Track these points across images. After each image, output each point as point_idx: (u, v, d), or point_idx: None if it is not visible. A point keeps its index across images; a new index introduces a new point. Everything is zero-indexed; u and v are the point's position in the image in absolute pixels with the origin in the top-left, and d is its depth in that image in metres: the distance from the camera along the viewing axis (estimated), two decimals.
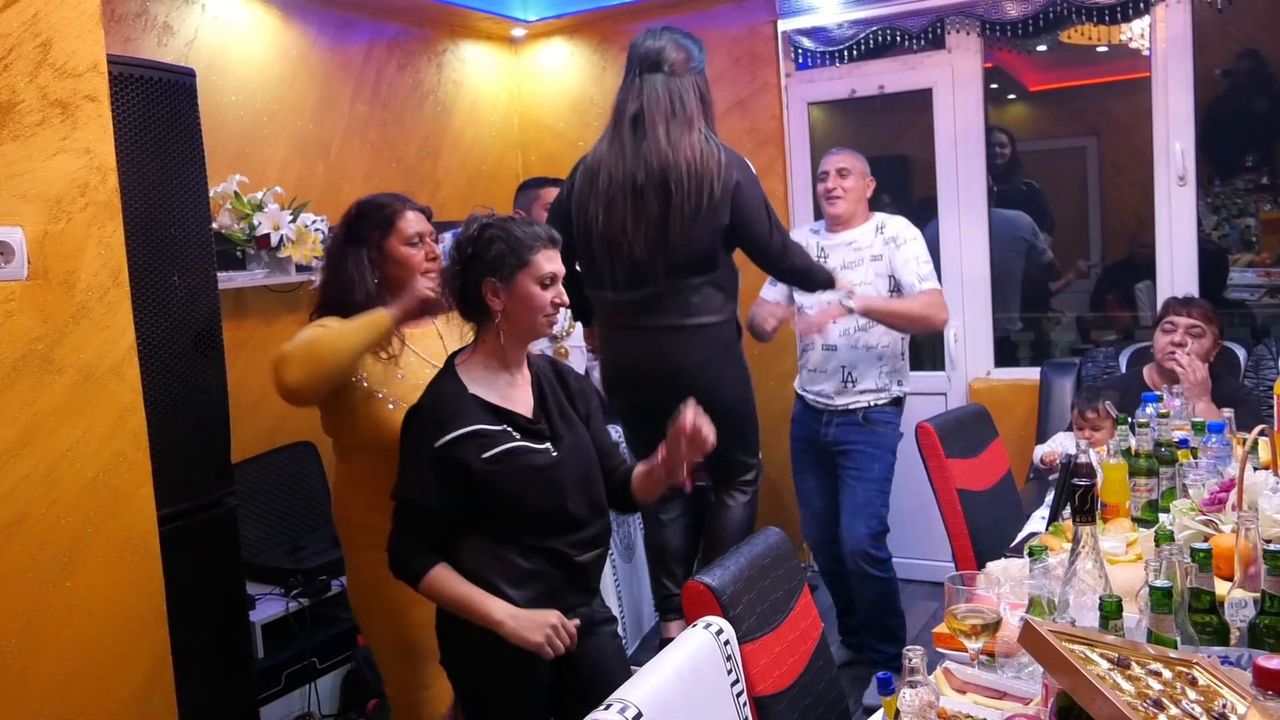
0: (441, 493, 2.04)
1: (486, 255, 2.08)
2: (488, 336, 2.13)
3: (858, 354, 3.46)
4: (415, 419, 2.08)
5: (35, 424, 2.13)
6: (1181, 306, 3.44)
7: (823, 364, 3.52)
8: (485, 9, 4.58)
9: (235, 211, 3.43)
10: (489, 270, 2.07)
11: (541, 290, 2.08)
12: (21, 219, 2.11)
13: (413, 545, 2.06)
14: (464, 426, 2.04)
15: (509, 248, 2.07)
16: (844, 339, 3.47)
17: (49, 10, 2.14)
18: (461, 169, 4.77)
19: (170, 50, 3.51)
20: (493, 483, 2.04)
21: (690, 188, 2.75)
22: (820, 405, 3.55)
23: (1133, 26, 4.17)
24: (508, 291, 2.08)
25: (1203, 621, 1.62)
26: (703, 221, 2.77)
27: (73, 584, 2.20)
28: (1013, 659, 1.76)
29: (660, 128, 2.78)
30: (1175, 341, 3.37)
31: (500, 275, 2.07)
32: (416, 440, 2.06)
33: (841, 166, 3.50)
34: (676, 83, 2.81)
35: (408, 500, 2.06)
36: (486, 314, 2.11)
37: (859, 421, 3.47)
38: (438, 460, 2.03)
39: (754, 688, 1.80)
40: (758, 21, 4.55)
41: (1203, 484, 2.39)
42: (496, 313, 2.09)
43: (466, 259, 2.11)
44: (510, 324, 2.10)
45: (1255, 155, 4.66)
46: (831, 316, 3.31)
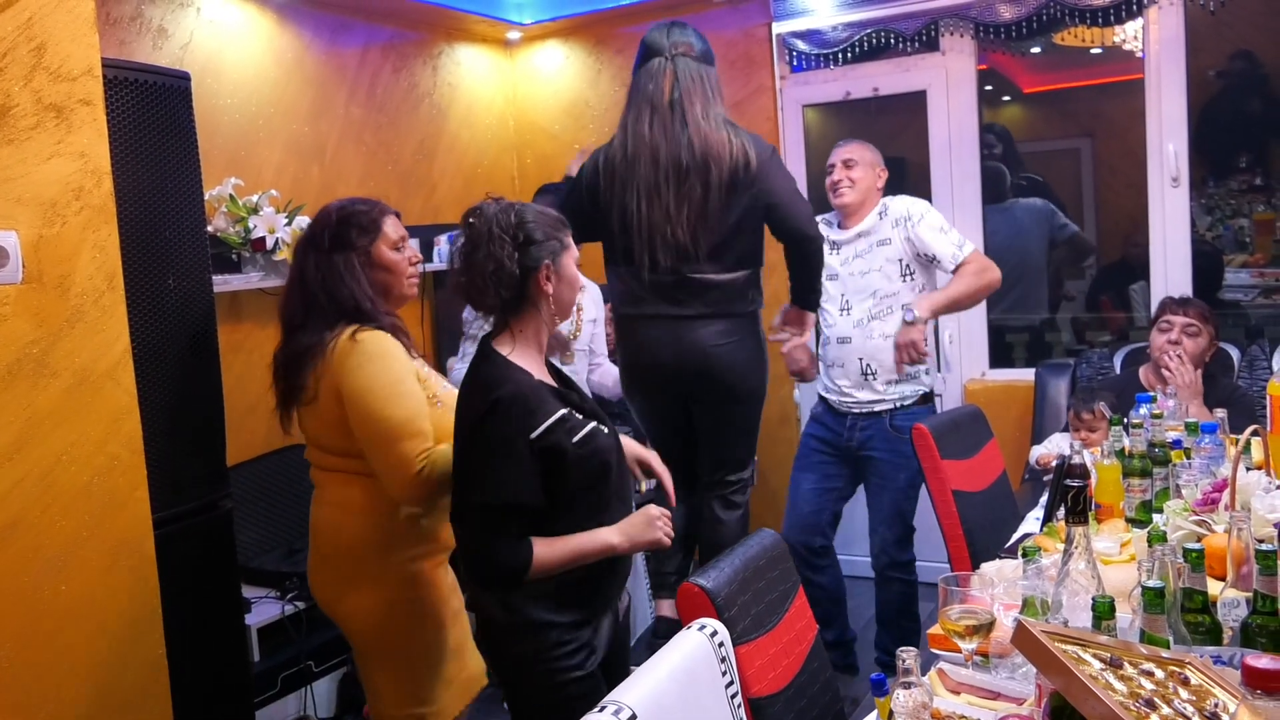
0: (537, 486, 1.98)
1: (536, 239, 2.05)
2: (526, 324, 2.09)
3: (875, 344, 3.39)
4: (500, 413, 1.96)
5: (30, 428, 2.13)
6: (1178, 306, 3.44)
7: (840, 358, 3.46)
8: (480, 12, 4.58)
9: (230, 215, 3.43)
10: (545, 254, 2.06)
11: (577, 270, 2.14)
12: (16, 223, 2.11)
13: (508, 545, 1.97)
14: (554, 412, 2.00)
15: (552, 231, 2.08)
16: (858, 329, 3.41)
17: (44, 14, 2.14)
18: (457, 172, 4.77)
19: (165, 53, 3.51)
20: (582, 467, 2.01)
21: (728, 168, 2.78)
22: (845, 407, 3.48)
23: (1126, 28, 4.18)
24: (558, 274, 2.08)
25: (1195, 621, 1.63)
26: (741, 203, 2.78)
27: (68, 587, 2.20)
28: (1006, 660, 1.77)
29: (698, 109, 2.80)
30: (1171, 340, 3.37)
31: (551, 257, 2.06)
32: (507, 434, 1.95)
33: (847, 157, 3.43)
34: (705, 69, 2.84)
35: (505, 502, 1.96)
36: (531, 301, 2.07)
37: (887, 428, 3.40)
38: (533, 452, 1.96)
39: (749, 689, 1.81)
40: (752, 24, 4.55)
41: (1196, 484, 2.40)
42: (549, 297, 2.07)
43: (520, 245, 2.04)
44: (557, 306, 2.10)
45: (1249, 156, 4.67)
46: (915, 339, 3.26)
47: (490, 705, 2.70)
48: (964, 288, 3.34)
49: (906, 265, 3.38)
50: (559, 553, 1.99)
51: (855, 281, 3.42)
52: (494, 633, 2.06)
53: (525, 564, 1.96)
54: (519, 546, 1.96)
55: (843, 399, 3.48)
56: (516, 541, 1.97)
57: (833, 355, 3.49)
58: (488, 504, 1.97)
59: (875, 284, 3.39)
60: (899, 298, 3.36)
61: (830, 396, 3.52)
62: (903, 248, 3.39)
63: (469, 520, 2.02)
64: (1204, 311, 3.42)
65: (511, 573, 1.97)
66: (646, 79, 2.86)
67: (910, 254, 3.38)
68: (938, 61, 4.38)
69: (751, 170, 2.74)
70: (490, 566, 1.99)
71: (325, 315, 2.29)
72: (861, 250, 3.43)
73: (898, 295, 3.36)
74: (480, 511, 1.98)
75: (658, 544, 2.08)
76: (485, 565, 1.99)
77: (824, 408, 3.58)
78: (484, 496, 1.97)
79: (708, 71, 2.85)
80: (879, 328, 3.38)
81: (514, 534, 1.97)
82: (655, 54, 2.88)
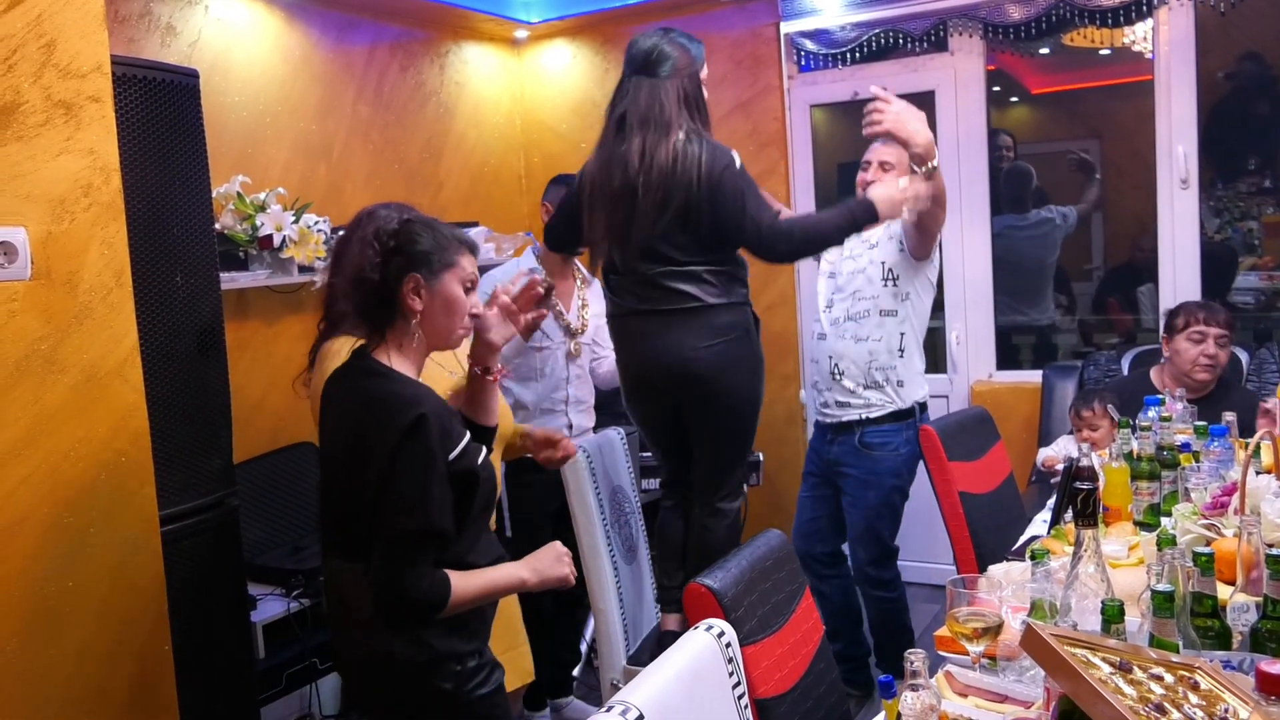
0: (451, 509, 1.88)
1: (412, 249, 1.93)
2: (401, 337, 1.96)
3: (845, 344, 3.38)
4: (421, 434, 1.83)
5: (38, 424, 2.13)
6: (1210, 315, 3.35)
7: (816, 354, 3.51)
8: (488, 10, 4.58)
9: (238, 212, 3.44)
10: (413, 265, 1.93)
11: (464, 294, 1.98)
12: (25, 219, 2.11)
13: (427, 577, 1.85)
14: (464, 434, 1.94)
15: (437, 244, 1.95)
16: (834, 328, 3.42)
17: (53, 11, 2.14)
18: (464, 170, 4.77)
19: (173, 51, 3.51)
20: (484, 491, 1.96)
21: (659, 195, 2.71)
22: (822, 417, 3.50)
23: (1135, 29, 4.17)
24: (430, 293, 1.94)
25: (1205, 626, 1.62)
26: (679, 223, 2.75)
27: (75, 584, 2.20)
28: (1014, 662, 1.76)
29: (637, 133, 2.75)
30: (1209, 354, 3.32)
31: (425, 271, 1.93)
32: (430, 455, 1.84)
33: (886, 160, 3.34)
34: (659, 86, 2.77)
35: (429, 529, 1.83)
36: (400, 314, 1.94)
37: (856, 444, 3.39)
38: (450, 474, 1.87)
39: (755, 690, 1.80)
40: (760, 24, 4.55)
41: (1205, 488, 2.39)
42: (415, 313, 1.93)
43: (388, 251, 1.94)
44: (428, 328, 1.96)
45: (1258, 158, 4.66)
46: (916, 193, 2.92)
47: None
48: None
49: (889, 270, 3.34)
50: (474, 586, 1.90)
51: (844, 280, 3.42)
52: (401, 671, 1.90)
53: (445, 598, 1.85)
54: (436, 577, 1.85)
55: (823, 415, 3.49)
56: (434, 573, 1.85)
57: (813, 351, 3.55)
58: (410, 531, 1.83)
59: (858, 285, 3.38)
60: (878, 302, 3.33)
61: (814, 414, 3.59)
62: (887, 249, 3.35)
63: (386, 549, 1.85)
64: (1230, 320, 3.37)
65: (431, 607, 1.85)
66: (618, 95, 2.87)
67: (894, 257, 3.34)
68: (946, 62, 4.37)
69: (701, 188, 2.72)
70: (410, 600, 1.84)
71: None
72: (856, 251, 3.41)
73: (876, 300, 3.33)
74: (399, 540, 1.84)
75: (565, 581, 2.02)
76: (404, 599, 1.84)
77: (815, 423, 3.64)
78: (410, 523, 1.82)
79: (663, 88, 2.78)
80: (852, 329, 3.37)
81: (429, 565, 1.85)
82: (627, 70, 2.87)
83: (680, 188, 2.69)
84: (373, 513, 1.85)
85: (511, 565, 2.00)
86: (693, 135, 2.74)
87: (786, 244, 2.80)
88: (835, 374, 3.40)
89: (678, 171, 2.68)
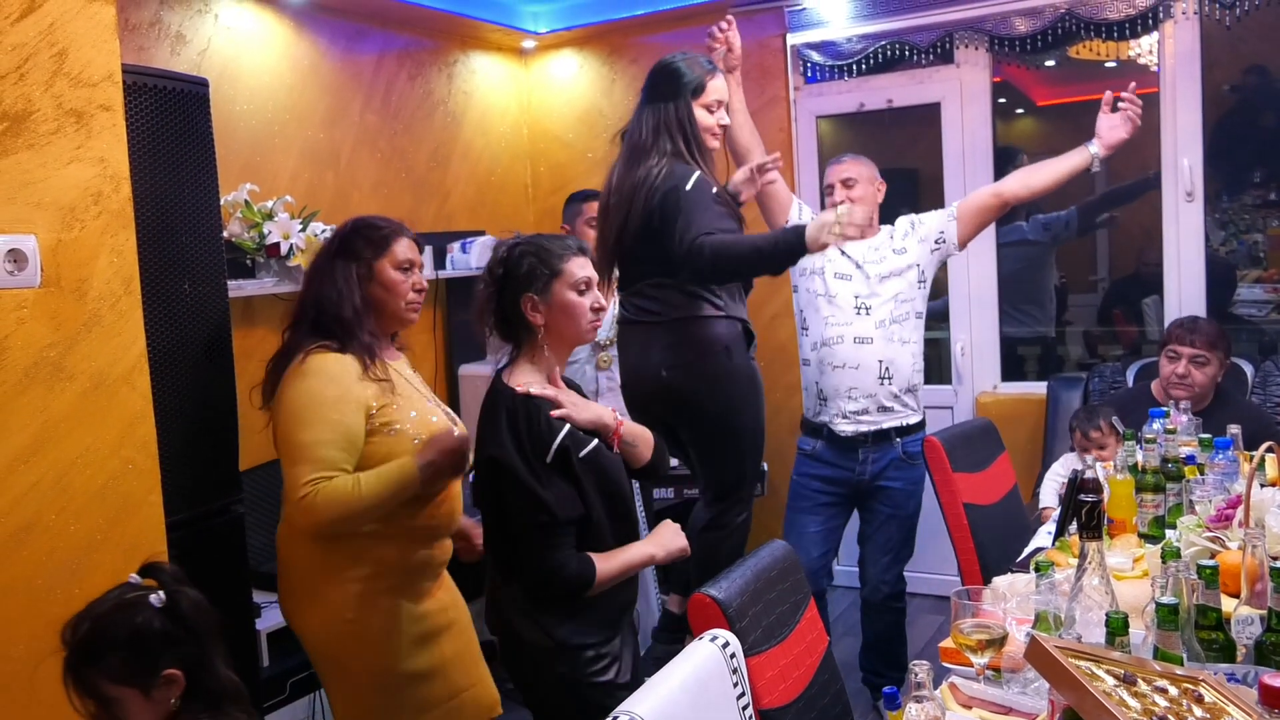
0: (572, 500, 2.09)
1: (519, 272, 2.16)
2: (530, 351, 2.20)
3: (894, 348, 3.27)
4: (513, 443, 2.08)
5: (46, 431, 2.14)
6: (1186, 334, 3.35)
7: (855, 359, 3.26)
8: (496, 20, 4.60)
9: (245, 220, 3.45)
10: (524, 286, 2.15)
11: (579, 296, 2.16)
12: (35, 227, 2.12)
13: (570, 557, 2.09)
14: (559, 432, 2.09)
15: (540, 260, 2.16)
16: (880, 330, 3.26)
17: (65, 20, 2.16)
18: (471, 179, 4.78)
19: (183, 59, 3.53)
20: (595, 482, 2.12)
21: (619, 216, 2.82)
22: (855, 426, 3.29)
23: (1141, 42, 4.18)
24: (546, 304, 2.15)
25: (1209, 638, 1.62)
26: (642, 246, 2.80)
27: (81, 591, 2.20)
28: (1019, 674, 1.76)
29: (622, 156, 2.90)
30: (1179, 374, 3.34)
31: (536, 289, 2.14)
32: (529, 461, 2.07)
33: (846, 177, 3.35)
34: (644, 111, 2.87)
35: (555, 520, 2.07)
36: (527, 329, 2.18)
37: (900, 456, 3.31)
38: (554, 472, 2.08)
39: (760, 701, 1.81)
40: (767, 35, 4.56)
41: (1209, 500, 2.39)
42: (539, 326, 2.16)
43: (499, 280, 2.18)
44: (553, 335, 2.18)
45: (1263, 171, 4.66)
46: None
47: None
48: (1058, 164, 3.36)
49: (922, 271, 3.33)
50: (614, 566, 2.12)
51: (875, 284, 3.30)
52: (530, 657, 2.15)
53: (591, 578, 2.08)
54: (581, 560, 2.09)
55: (857, 425, 3.30)
56: (578, 556, 2.09)
57: (843, 357, 3.27)
58: (540, 524, 2.07)
59: (899, 288, 3.30)
60: (914, 305, 3.31)
61: (840, 426, 3.31)
62: (919, 252, 3.32)
63: (528, 541, 2.09)
64: (1212, 338, 3.34)
65: (583, 583, 2.08)
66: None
67: (925, 258, 3.34)
68: (952, 74, 4.38)
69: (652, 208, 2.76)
70: (560, 581, 2.08)
71: (306, 321, 2.31)
72: (875, 258, 3.33)
73: (913, 302, 3.31)
74: (534, 531, 2.08)
75: (684, 552, 2.24)
76: (553, 581, 2.08)
77: (824, 444, 3.38)
78: (537, 517, 2.07)
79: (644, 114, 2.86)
80: (898, 332, 3.28)
81: (571, 549, 2.09)
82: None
83: (636, 209, 2.77)
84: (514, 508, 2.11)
85: (640, 544, 2.20)
86: (662, 161, 2.77)
87: (698, 260, 2.64)
88: (885, 379, 3.26)
89: (637, 194, 2.78)
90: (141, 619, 1.72)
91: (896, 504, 3.37)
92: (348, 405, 2.21)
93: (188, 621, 1.76)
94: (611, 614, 2.18)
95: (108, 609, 1.75)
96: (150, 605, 1.74)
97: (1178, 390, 3.34)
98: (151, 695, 1.72)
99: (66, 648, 1.73)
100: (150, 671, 1.71)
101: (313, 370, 2.22)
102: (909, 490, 3.36)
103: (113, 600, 1.77)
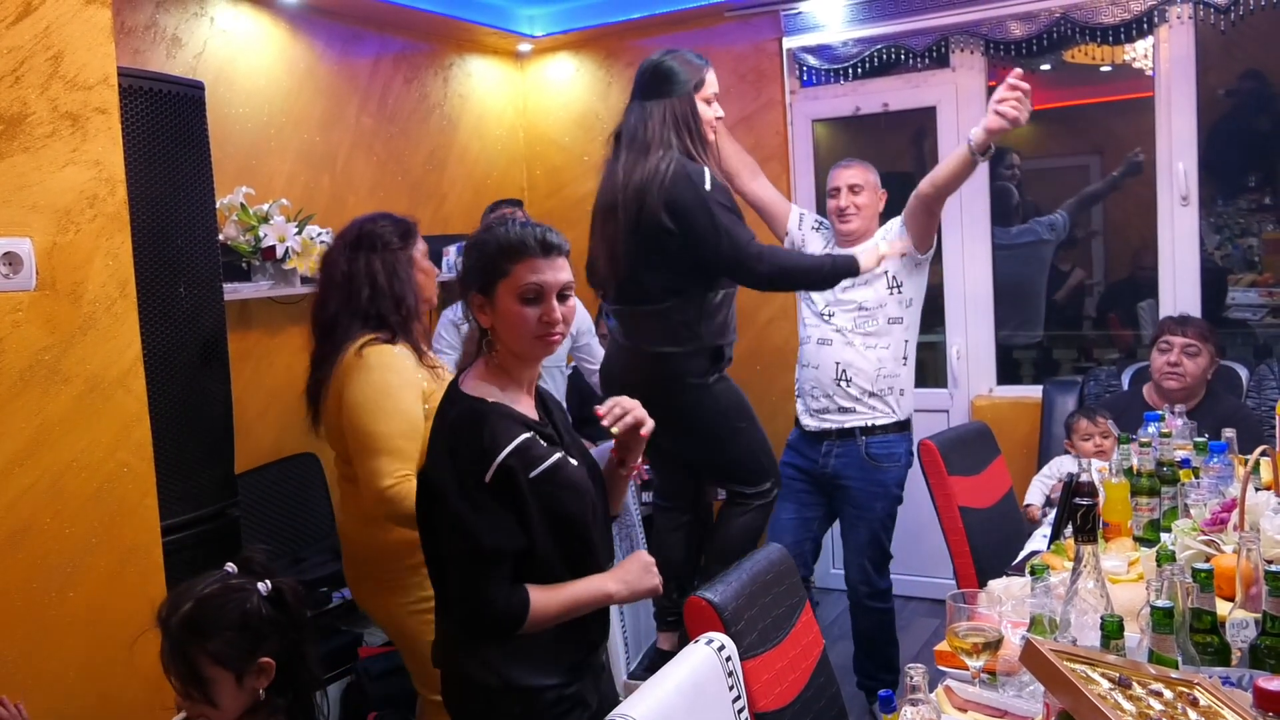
0: (509, 530, 1.77)
1: (467, 264, 1.87)
2: (489, 355, 1.89)
3: (854, 351, 3.34)
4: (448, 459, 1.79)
5: (41, 434, 2.14)
6: (1177, 326, 3.45)
7: (816, 359, 3.39)
8: (492, 24, 4.61)
9: (241, 223, 3.45)
10: (470, 284, 1.85)
11: (523, 306, 1.80)
12: (31, 230, 2.12)
13: (499, 592, 1.77)
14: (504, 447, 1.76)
15: (486, 256, 1.83)
16: (839, 335, 3.35)
17: (61, 23, 2.16)
18: (467, 182, 4.79)
19: (179, 62, 3.53)
20: (545, 507, 1.79)
21: (631, 212, 2.79)
22: (818, 423, 3.41)
23: (1136, 47, 4.19)
24: (492, 307, 1.83)
25: (1204, 642, 1.62)
26: (648, 244, 2.78)
27: (76, 594, 2.20)
28: (1014, 678, 1.76)
29: (624, 154, 2.86)
30: (1171, 362, 3.38)
31: (481, 288, 1.84)
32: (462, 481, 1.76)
33: (854, 183, 3.39)
34: (646, 108, 2.86)
35: (482, 551, 1.76)
36: (482, 330, 1.88)
37: (862, 456, 3.35)
38: (491, 496, 1.75)
39: (756, 704, 1.81)
40: (763, 39, 4.57)
41: (1204, 504, 2.39)
42: (488, 329, 1.86)
43: (461, 273, 1.92)
44: (504, 341, 1.85)
45: (1258, 175, 4.68)
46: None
47: None
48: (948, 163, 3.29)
49: (894, 277, 3.34)
50: (555, 603, 1.80)
51: (838, 293, 3.37)
52: (476, 696, 1.86)
53: (522, 617, 1.77)
54: (515, 595, 1.78)
55: (821, 421, 3.40)
56: (512, 590, 1.78)
57: (809, 357, 3.43)
58: (463, 553, 1.78)
59: (863, 297, 3.36)
60: (885, 310, 3.34)
61: (805, 420, 3.45)
62: (890, 261, 3.34)
63: (455, 571, 1.82)
64: (1203, 331, 3.42)
65: (512, 622, 1.77)
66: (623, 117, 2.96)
67: (896, 264, 3.34)
68: (948, 78, 4.39)
69: (652, 215, 2.75)
70: (486, 617, 1.78)
71: (358, 317, 2.37)
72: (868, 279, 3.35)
73: (884, 307, 3.34)
74: (459, 562, 1.80)
75: (654, 591, 1.92)
76: (478, 616, 1.79)
77: (799, 434, 3.51)
78: (461, 545, 1.78)
79: (649, 110, 2.85)
80: (861, 337, 3.35)
81: (504, 582, 1.78)
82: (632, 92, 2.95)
83: (648, 206, 2.75)
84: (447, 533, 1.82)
85: (598, 578, 1.86)
86: (669, 155, 2.78)
87: (769, 265, 2.82)
88: (842, 381, 3.35)
89: (647, 189, 2.75)
90: (250, 605, 1.79)
91: (860, 505, 3.40)
92: (411, 395, 2.30)
93: (290, 611, 1.83)
94: (573, 654, 1.87)
95: (215, 590, 1.80)
96: (258, 591, 1.81)
97: (1169, 380, 3.37)
98: (244, 681, 1.78)
99: (164, 626, 1.79)
100: (250, 656, 1.77)
101: (374, 360, 2.31)
102: (873, 492, 3.37)
103: (217, 582, 1.82)
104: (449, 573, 1.83)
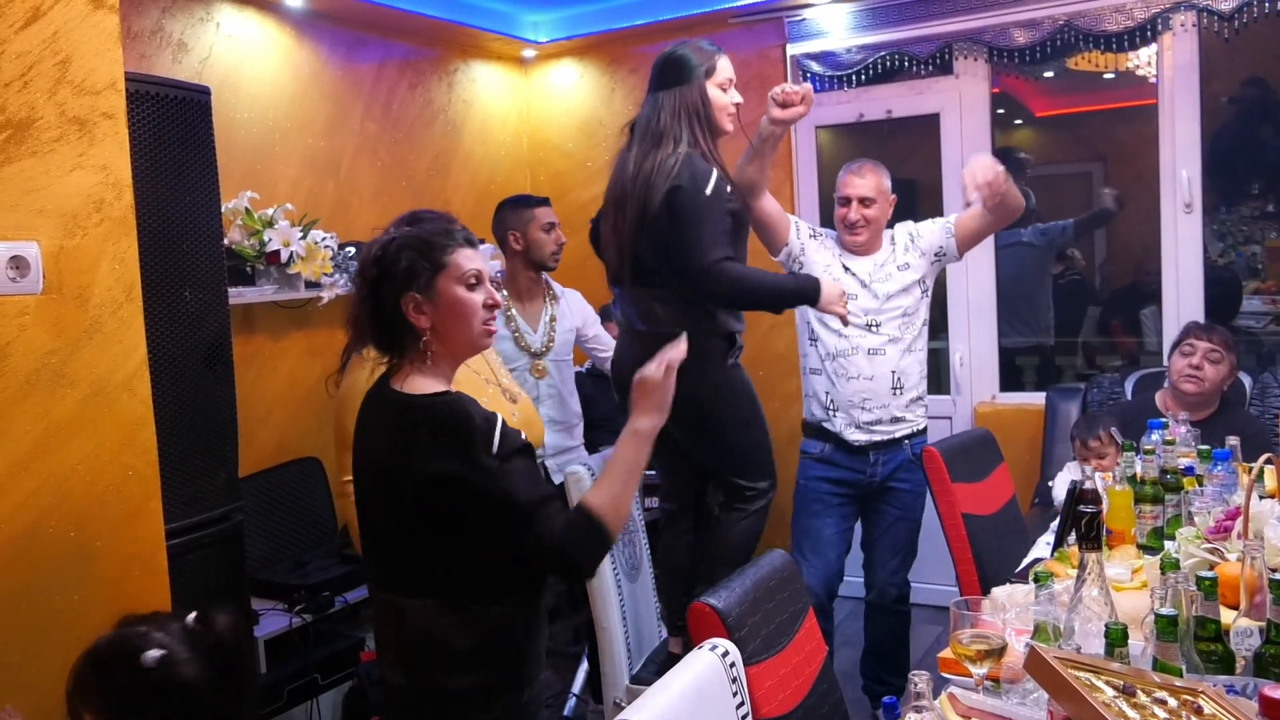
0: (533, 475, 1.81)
1: (396, 269, 1.83)
2: (417, 360, 1.86)
3: (907, 360, 3.30)
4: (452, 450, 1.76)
5: (47, 437, 2.14)
6: (1202, 331, 3.43)
7: (869, 370, 3.28)
8: (496, 30, 4.62)
9: (246, 228, 3.46)
10: (404, 285, 1.82)
11: (469, 292, 1.84)
12: (37, 234, 2.12)
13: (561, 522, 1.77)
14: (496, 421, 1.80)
15: (419, 253, 1.83)
16: (892, 345, 3.29)
17: (69, 29, 2.16)
18: (471, 187, 4.79)
19: (185, 67, 3.54)
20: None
21: (638, 202, 2.78)
22: (868, 436, 3.31)
23: (1140, 54, 4.20)
24: (431, 303, 1.83)
25: (1208, 650, 1.62)
26: (653, 234, 2.79)
27: (80, 598, 2.20)
28: (1018, 685, 1.76)
29: (636, 145, 2.85)
30: (1194, 364, 3.37)
31: (418, 286, 1.82)
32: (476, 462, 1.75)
33: (866, 195, 3.31)
34: (659, 99, 2.85)
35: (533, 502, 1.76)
36: (411, 335, 1.85)
37: (910, 457, 3.33)
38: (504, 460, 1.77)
39: (759, 710, 1.80)
40: (766, 45, 4.58)
41: (1208, 512, 2.39)
42: (425, 330, 1.83)
43: (374, 282, 1.85)
44: (441, 340, 1.85)
45: (1261, 183, 4.68)
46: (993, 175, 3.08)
47: None
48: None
49: (923, 281, 3.35)
50: (608, 484, 1.82)
51: (883, 303, 3.32)
52: (399, 700, 1.88)
53: (595, 520, 1.78)
54: (572, 515, 1.79)
55: (869, 434, 3.31)
56: (562, 514, 1.79)
57: (856, 369, 3.29)
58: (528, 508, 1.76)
59: (903, 303, 3.32)
60: (920, 315, 3.34)
61: (851, 434, 3.32)
62: (920, 265, 3.34)
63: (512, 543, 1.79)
64: (1227, 339, 3.40)
65: (591, 539, 1.78)
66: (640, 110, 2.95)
67: (926, 269, 3.35)
68: (951, 84, 4.39)
69: (654, 207, 2.75)
70: (559, 550, 1.77)
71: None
72: (881, 275, 3.35)
73: (919, 313, 3.34)
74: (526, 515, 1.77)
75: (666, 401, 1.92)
76: (562, 553, 1.77)
77: (834, 448, 3.38)
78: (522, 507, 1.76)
79: (661, 100, 2.83)
80: (908, 343, 3.32)
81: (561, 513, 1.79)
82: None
83: (653, 197, 2.74)
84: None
85: (622, 438, 1.87)
86: (679, 151, 2.77)
87: (713, 285, 2.71)
88: (897, 390, 3.29)
89: (654, 181, 2.74)
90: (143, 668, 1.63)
91: (904, 505, 3.39)
92: None
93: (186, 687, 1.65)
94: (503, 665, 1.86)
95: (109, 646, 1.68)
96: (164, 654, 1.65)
97: (1188, 383, 3.35)
98: None
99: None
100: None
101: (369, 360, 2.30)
102: (917, 492, 3.38)
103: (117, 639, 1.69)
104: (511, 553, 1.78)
